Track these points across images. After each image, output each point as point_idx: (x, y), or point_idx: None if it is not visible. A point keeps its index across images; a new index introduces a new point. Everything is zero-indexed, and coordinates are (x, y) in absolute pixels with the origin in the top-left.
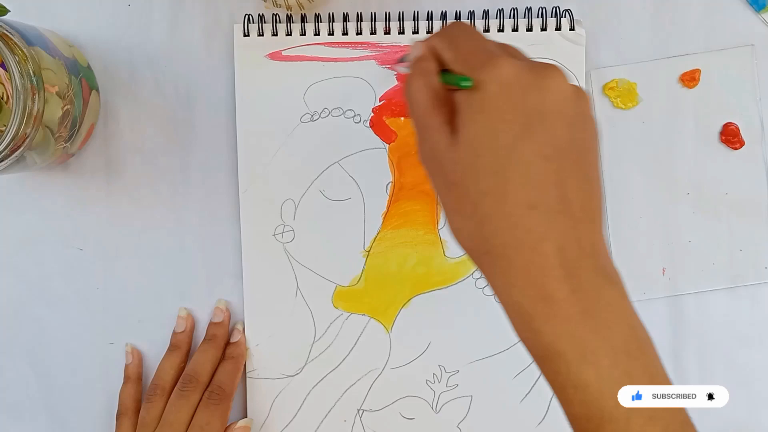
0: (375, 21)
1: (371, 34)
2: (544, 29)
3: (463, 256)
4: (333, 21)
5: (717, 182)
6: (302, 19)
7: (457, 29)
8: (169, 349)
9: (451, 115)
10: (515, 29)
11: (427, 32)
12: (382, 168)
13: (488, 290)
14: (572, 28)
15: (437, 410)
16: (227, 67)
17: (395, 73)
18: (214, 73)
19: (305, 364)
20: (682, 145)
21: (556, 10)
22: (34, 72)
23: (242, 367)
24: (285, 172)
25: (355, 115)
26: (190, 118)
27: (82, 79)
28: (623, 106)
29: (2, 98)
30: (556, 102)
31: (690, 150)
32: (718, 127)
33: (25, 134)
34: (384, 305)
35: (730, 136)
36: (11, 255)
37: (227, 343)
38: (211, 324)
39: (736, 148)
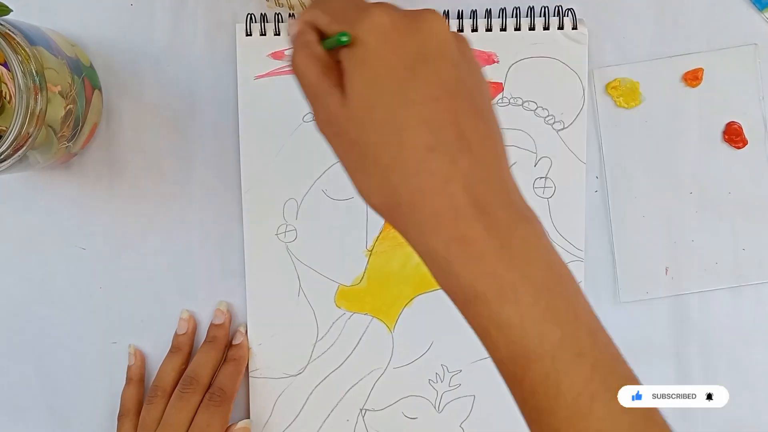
0: None
1: None
2: (546, 28)
3: None
4: None
5: (720, 181)
6: None
7: None
8: (170, 350)
9: (340, 79)
10: (518, 28)
11: None
12: None
13: None
14: (575, 27)
15: (440, 410)
16: (230, 67)
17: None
18: (217, 72)
19: (308, 363)
20: (685, 145)
21: (558, 9)
22: (36, 71)
23: (244, 369)
24: (287, 172)
25: None
26: (193, 117)
27: (85, 78)
28: (626, 106)
29: (5, 98)
30: (437, 43)
31: (693, 149)
32: (721, 127)
33: (28, 134)
34: (386, 305)
35: (733, 136)
36: (14, 254)
37: (229, 345)
38: (212, 326)
39: (739, 148)
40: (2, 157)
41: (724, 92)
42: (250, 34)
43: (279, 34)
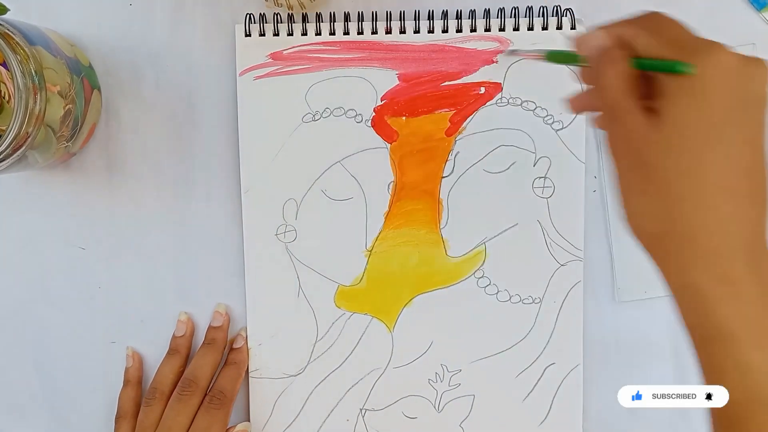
0: (376, 21)
1: (372, 33)
2: (545, 28)
3: (465, 256)
4: (334, 21)
5: None
6: (304, 19)
7: (656, 18)
8: (168, 352)
9: (643, 99)
10: (516, 28)
11: (429, 31)
12: (384, 167)
13: (490, 290)
14: (573, 27)
15: (440, 409)
16: (229, 67)
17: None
18: (216, 72)
19: (308, 363)
20: None
21: (557, 9)
22: (35, 71)
23: (244, 373)
24: (287, 172)
25: (356, 115)
26: (192, 117)
27: (84, 78)
28: None
29: (4, 97)
30: (764, 91)
31: None
32: None
33: (27, 133)
34: (386, 305)
35: None
36: (13, 254)
37: (229, 348)
38: (210, 328)
39: None
40: (1, 156)
41: None
42: (250, 35)
43: (278, 35)
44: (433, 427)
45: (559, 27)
